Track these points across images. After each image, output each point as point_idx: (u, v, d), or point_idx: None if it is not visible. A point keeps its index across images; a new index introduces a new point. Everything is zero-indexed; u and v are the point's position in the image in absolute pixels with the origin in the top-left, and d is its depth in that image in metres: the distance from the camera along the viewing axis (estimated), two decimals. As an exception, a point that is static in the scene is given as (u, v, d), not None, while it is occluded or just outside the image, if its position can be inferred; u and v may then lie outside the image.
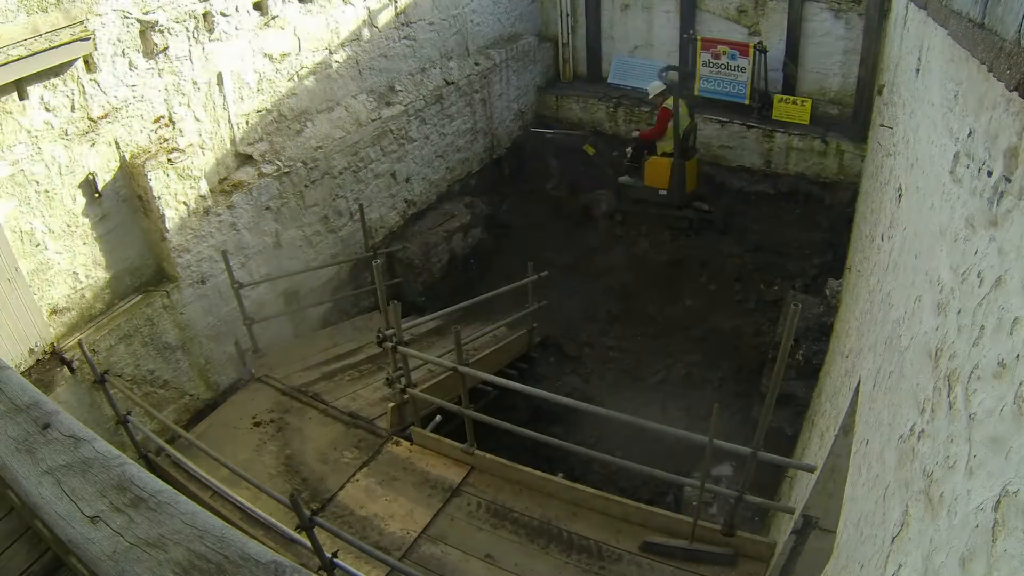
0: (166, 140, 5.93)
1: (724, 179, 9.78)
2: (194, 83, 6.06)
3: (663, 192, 8.85)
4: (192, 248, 6.18)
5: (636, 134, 9.10)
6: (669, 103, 8.41)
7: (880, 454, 2.17)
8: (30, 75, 4.89)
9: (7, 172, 4.94)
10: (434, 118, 8.95)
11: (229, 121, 6.47)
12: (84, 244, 5.57)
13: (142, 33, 5.59)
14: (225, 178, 6.46)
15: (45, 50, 4.88)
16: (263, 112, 6.80)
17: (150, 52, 5.68)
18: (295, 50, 6.97)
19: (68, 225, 5.42)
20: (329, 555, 3.71)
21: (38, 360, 5.22)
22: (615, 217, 9.49)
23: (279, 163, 6.89)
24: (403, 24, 8.32)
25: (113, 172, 5.64)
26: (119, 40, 5.42)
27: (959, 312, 1.57)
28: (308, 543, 3.78)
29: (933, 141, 2.45)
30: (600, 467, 7.03)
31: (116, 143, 5.59)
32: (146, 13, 5.56)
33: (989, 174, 1.52)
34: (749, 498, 4.32)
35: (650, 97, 8.76)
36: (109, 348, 5.65)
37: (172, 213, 5.94)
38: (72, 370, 5.33)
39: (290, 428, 5.97)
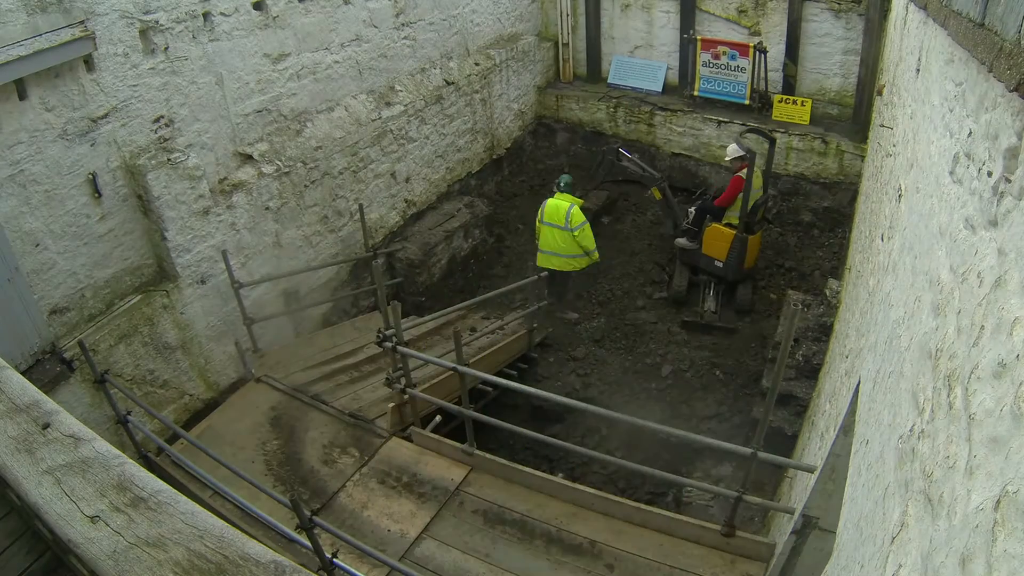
0: (166, 140, 5.93)
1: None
2: (194, 83, 6.07)
3: (719, 263, 8.16)
4: (192, 248, 6.18)
5: (708, 197, 8.32)
6: (744, 172, 7.72)
7: (880, 454, 2.17)
8: (30, 75, 4.89)
9: (8, 172, 4.94)
10: (434, 118, 8.95)
11: (229, 121, 6.47)
12: (84, 244, 5.57)
13: (142, 33, 5.59)
14: (225, 178, 6.46)
15: (45, 50, 4.88)
16: (263, 112, 6.80)
17: (150, 52, 5.69)
18: (295, 50, 6.97)
19: (68, 225, 5.42)
20: (329, 555, 3.71)
21: (38, 360, 5.22)
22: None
23: (279, 163, 6.89)
24: (403, 24, 8.32)
25: (113, 172, 5.64)
26: (119, 40, 5.42)
27: (959, 313, 1.57)
28: (308, 543, 3.78)
29: (933, 141, 2.45)
30: (600, 467, 7.02)
31: (116, 143, 5.60)
32: (146, 13, 5.56)
33: (989, 174, 1.52)
34: (749, 498, 4.32)
35: (727, 160, 8.01)
36: (109, 348, 5.65)
37: (172, 213, 5.94)
38: (72, 370, 5.34)
39: (290, 428, 5.97)
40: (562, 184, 8.34)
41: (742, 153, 7.69)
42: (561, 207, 8.05)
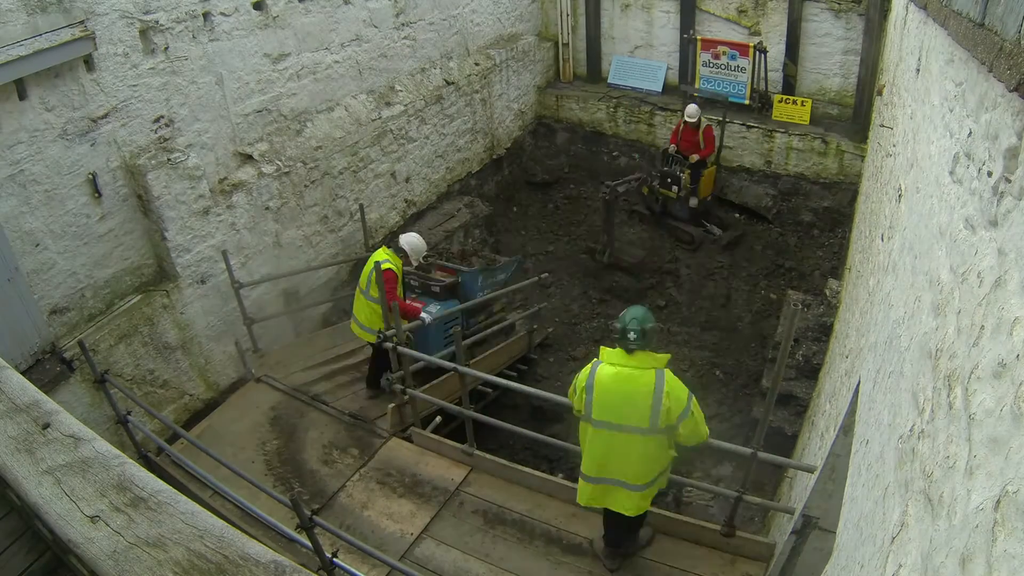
0: (166, 140, 5.93)
1: (725, 181, 9.79)
2: (194, 83, 6.06)
3: (708, 199, 9.53)
4: (192, 248, 6.18)
5: (696, 157, 9.10)
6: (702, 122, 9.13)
7: (880, 454, 2.17)
8: (30, 75, 4.89)
9: (7, 172, 4.94)
10: (434, 118, 8.95)
11: (229, 121, 6.47)
12: (84, 244, 5.57)
13: (142, 33, 5.59)
14: (225, 178, 6.46)
15: (45, 50, 4.88)
16: (263, 112, 6.80)
17: (150, 52, 5.69)
18: (295, 50, 6.97)
19: (68, 225, 5.42)
20: (329, 555, 3.71)
21: (38, 360, 5.22)
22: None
23: (279, 163, 6.89)
24: (403, 24, 8.32)
25: (113, 172, 5.64)
26: (119, 40, 5.42)
27: (959, 313, 1.57)
28: (308, 543, 3.78)
29: (933, 141, 2.45)
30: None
31: (116, 143, 5.59)
32: (146, 13, 5.56)
33: (989, 174, 1.52)
34: (749, 498, 4.32)
35: (692, 120, 9.01)
36: (109, 348, 5.65)
37: (172, 213, 5.94)
38: (72, 370, 5.33)
39: (290, 428, 5.97)
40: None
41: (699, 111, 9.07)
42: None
